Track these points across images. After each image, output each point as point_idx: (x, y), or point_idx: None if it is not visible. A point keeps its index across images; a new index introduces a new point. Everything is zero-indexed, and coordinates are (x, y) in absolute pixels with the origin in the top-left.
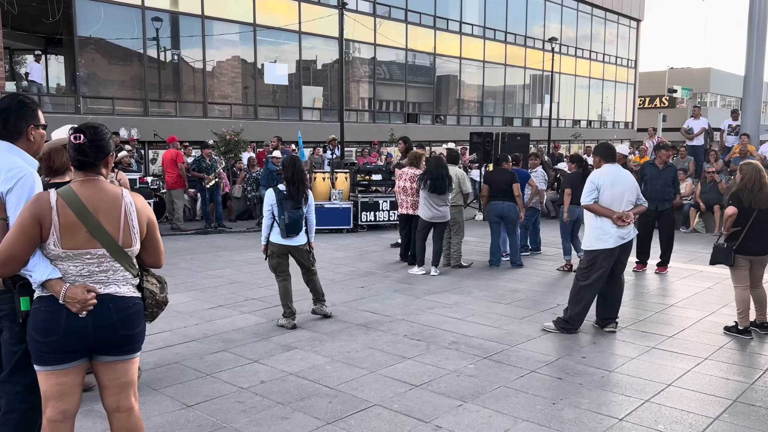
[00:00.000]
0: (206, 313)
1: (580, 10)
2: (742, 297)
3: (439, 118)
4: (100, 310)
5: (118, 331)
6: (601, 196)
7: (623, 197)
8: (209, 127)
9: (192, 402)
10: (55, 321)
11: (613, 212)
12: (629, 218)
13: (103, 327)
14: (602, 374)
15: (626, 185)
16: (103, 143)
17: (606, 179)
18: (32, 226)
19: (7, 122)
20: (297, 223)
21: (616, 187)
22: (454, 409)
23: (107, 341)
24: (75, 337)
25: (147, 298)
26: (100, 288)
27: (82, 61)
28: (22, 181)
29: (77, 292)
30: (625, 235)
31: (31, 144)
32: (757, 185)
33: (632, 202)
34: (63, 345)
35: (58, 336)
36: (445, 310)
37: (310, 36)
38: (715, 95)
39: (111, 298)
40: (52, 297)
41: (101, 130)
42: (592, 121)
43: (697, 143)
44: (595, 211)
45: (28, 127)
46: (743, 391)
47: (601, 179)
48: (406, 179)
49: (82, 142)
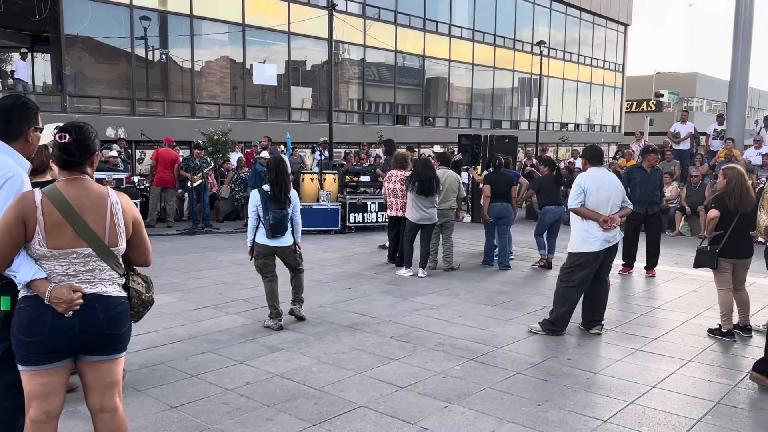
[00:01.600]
0: (192, 314)
1: (568, 14)
2: (726, 300)
3: (428, 120)
4: (86, 310)
5: (105, 331)
6: (588, 200)
7: (609, 200)
8: (197, 127)
9: (177, 403)
10: (41, 320)
11: (599, 215)
12: (615, 221)
13: (90, 326)
14: (587, 376)
15: (612, 188)
16: (89, 142)
17: (592, 183)
18: (16, 225)
19: (9, 122)
20: (282, 224)
21: (602, 191)
22: (439, 411)
23: (93, 341)
24: (61, 336)
25: (133, 298)
26: (86, 288)
27: (69, 59)
28: (10, 182)
29: (63, 292)
30: (611, 238)
31: (28, 146)
32: (744, 189)
33: (618, 205)
34: (48, 344)
35: (43, 335)
36: (432, 311)
37: (299, 37)
38: (702, 100)
39: (97, 297)
40: (37, 296)
41: (87, 129)
42: (579, 125)
43: (683, 147)
44: (582, 214)
45: (29, 129)
46: (726, 393)
47: (587, 183)
48: (396, 181)
49: (68, 141)
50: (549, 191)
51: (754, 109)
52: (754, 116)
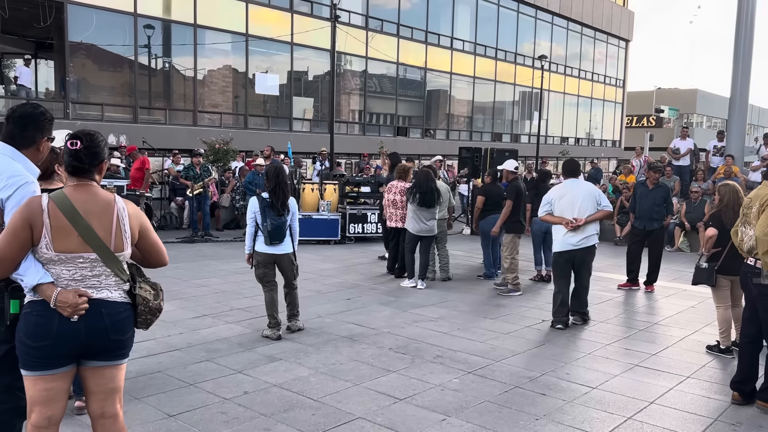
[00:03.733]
0: (191, 323)
1: (569, 29)
2: (724, 317)
3: (428, 132)
4: (93, 315)
5: (110, 336)
6: (554, 208)
7: (573, 206)
8: (198, 136)
9: (174, 412)
10: (47, 325)
11: (563, 219)
12: (579, 222)
13: (96, 331)
14: (585, 391)
15: (577, 195)
16: (98, 150)
17: (556, 193)
18: (23, 228)
19: (25, 129)
20: (280, 230)
21: (565, 198)
22: (437, 424)
23: (98, 346)
24: (67, 341)
25: (139, 305)
26: (93, 293)
27: (73, 66)
28: (21, 189)
29: (68, 297)
30: (576, 242)
31: (38, 154)
32: (737, 207)
33: (588, 210)
34: (54, 350)
35: (50, 340)
36: (431, 323)
37: (302, 47)
38: (702, 116)
39: (103, 302)
40: (44, 301)
41: (97, 137)
42: (580, 139)
43: (683, 163)
44: (547, 221)
45: (42, 138)
46: (724, 410)
47: (551, 194)
48: (396, 192)
49: (78, 148)
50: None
51: (753, 126)
52: (754, 133)
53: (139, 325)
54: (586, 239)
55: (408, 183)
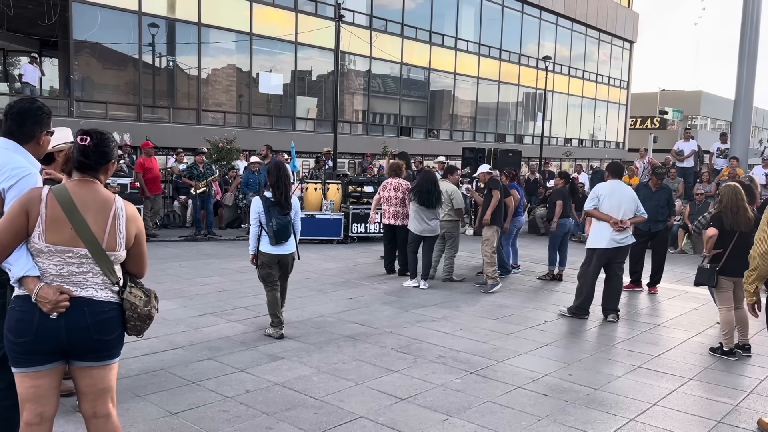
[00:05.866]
0: (193, 321)
1: (574, 30)
2: (727, 318)
3: (432, 132)
4: (74, 313)
5: (92, 335)
6: (601, 204)
7: (620, 207)
8: (202, 135)
9: (176, 410)
10: (28, 321)
11: (611, 217)
12: (625, 224)
13: (77, 330)
14: (588, 392)
15: (623, 197)
16: (107, 150)
17: (605, 189)
18: (19, 214)
19: (23, 125)
20: (285, 230)
21: (614, 198)
22: (439, 424)
23: (81, 345)
24: (47, 338)
25: (127, 310)
26: (76, 291)
27: (77, 64)
28: (24, 180)
29: (49, 293)
30: (620, 240)
31: (38, 148)
32: (736, 208)
33: (630, 213)
34: (35, 346)
35: (30, 337)
36: (434, 323)
37: (306, 47)
38: (706, 118)
39: (86, 301)
40: (28, 297)
41: (108, 137)
42: (583, 140)
43: (686, 165)
44: (594, 215)
45: (41, 133)
46: (727, 413)
47: (601, 189)
48: (390, 189)
49: (87, 144)
50: (565, 203)
51: (758, 129)
52: (758, 135)
53: (129, 331)
54: (628, 238)
55: (401, 180)
